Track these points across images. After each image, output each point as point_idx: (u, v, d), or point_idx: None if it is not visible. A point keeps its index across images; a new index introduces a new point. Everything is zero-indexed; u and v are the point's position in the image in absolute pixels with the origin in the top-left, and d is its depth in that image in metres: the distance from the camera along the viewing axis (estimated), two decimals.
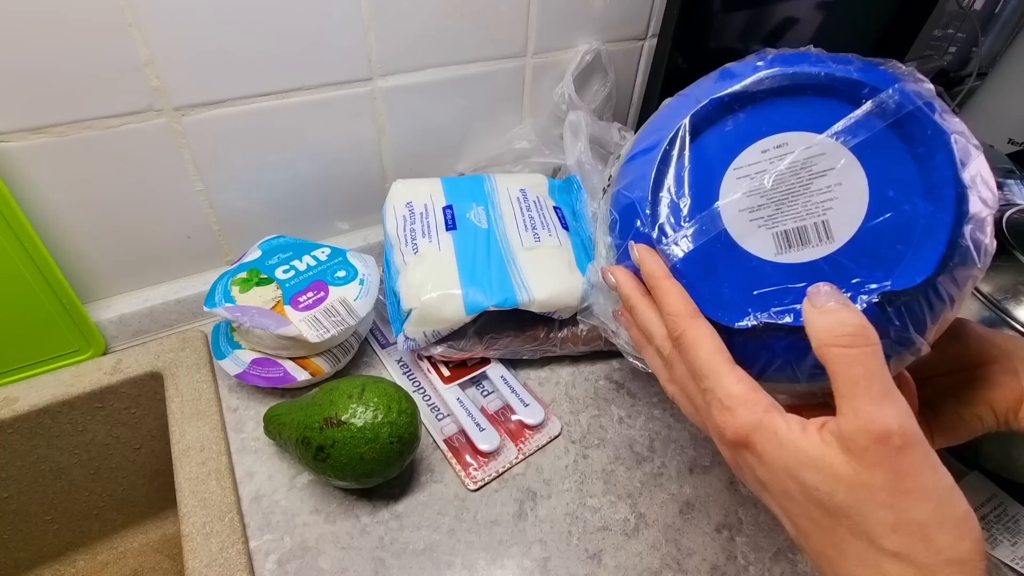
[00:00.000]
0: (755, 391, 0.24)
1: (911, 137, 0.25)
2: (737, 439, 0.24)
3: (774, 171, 0.26)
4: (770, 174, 0.27)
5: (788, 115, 0.27)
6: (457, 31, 0.53)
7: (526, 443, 0.45)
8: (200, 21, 0.42)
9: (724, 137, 0.28)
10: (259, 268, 0.48)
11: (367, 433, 0.37)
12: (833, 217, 0.26)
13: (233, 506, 0.40)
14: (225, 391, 0.48)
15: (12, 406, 0.45)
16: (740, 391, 0.24)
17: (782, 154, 0.26)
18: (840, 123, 0.26)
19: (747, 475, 0.25)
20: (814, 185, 0.26)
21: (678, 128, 0.28)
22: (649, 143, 0.30)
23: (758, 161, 0.27)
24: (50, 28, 0.38)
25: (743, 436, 0.23)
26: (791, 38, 0.75)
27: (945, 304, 0.25)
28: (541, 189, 0.57)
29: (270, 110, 0.48)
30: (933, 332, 0.26)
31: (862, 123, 0.25)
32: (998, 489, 0.44)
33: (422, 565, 0.38)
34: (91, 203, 0.45)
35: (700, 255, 0.27)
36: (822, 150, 0.26)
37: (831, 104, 0.26)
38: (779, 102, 0.27)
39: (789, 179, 0.26)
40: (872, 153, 0.25)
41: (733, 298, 0.27)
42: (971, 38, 1.05)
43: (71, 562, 0.56)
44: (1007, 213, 0.48)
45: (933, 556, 0.20)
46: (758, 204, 0.27)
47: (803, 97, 0.27)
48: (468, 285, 0.46)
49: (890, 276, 0.24)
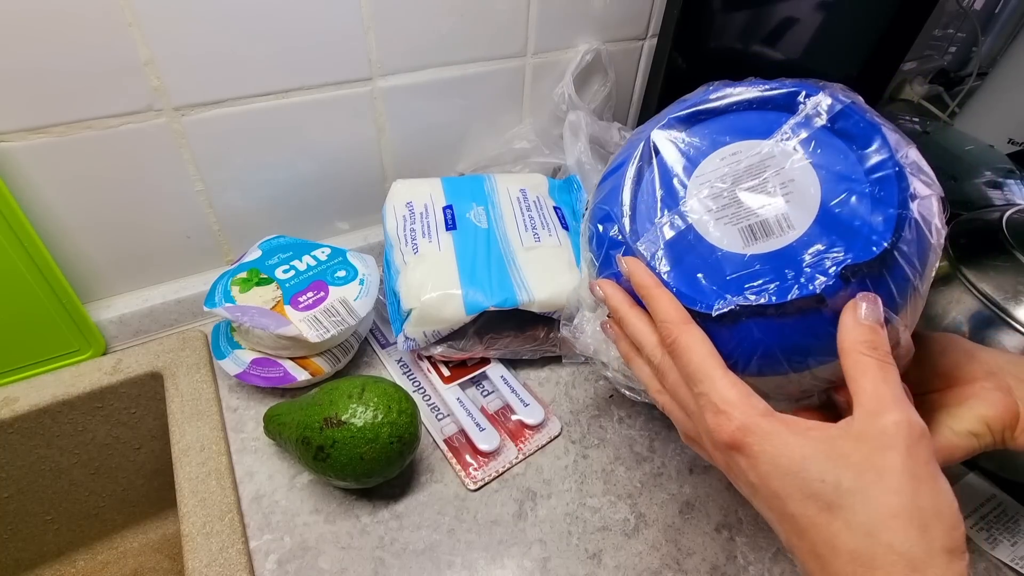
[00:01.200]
0: (749, 395, 0.25)
1: (847, 132, 0.28)
2: (732, 441, 0.24)
3: (733, 174, 0.30)
4: (730, 176, 0.30)
5: (740, 127, 0.30)
6: (457, 31, 0.53)
7: (526, 443, 0.45)
8: (200, 21, 0.42)
9: (686, 149, 0.31)
10: (259, 268, 0.48)
11: (367, 433, 0.37)
12: (791, 209, 0.28)
13: (233, 506, 0.40)
14: (225, 391, 0.48)
15: (12, 406, 0.45)
16: (734, 395, 0.25)
17: (738, 160, 0.30)
18: (784, 126, 0.29)
19: (739, 479, 0.25)
20: (770, 183, 0.29)
21: (643, 143, 0.32)
22: (619, 160, 0.34)
23: (717, 168, 0.30)
24: (50, 28, 0.38)
25: (737, 439, 0.24)
26: (791, 38, 0.75)
27: (909, 280, 0.26)
28: (541, 189, 0.57)
29: (270, 110, 0.48)
30: (908, 313, 0.27)
31: (802, 124, 0.29)
32: (998, 489, 0.44)
33: (422, 565, 0.38)
34: (91, 203, 0.45)
35: (673, 253, 0.30)
36: (772, 152, 0.29)
37: (775, 114, 0.30)
38: (730, 116, 0.31)
39: (747, 180, 0.29)
40: (817, 150, 0.28)
41: (708, 287, 0.29)
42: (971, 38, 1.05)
43: (71, 562, 0.56)
44: (1007, 213, 0.48)
45: (927, 545, 0.21)
46: (722, 204, 0.30)
47: (750, 111, 0.31)
48: (468, 285, 0.46)
49: (850, 251, 0.26)
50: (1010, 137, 0.88)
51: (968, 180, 0.67)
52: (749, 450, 0.24)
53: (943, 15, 0.98)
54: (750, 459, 0.24)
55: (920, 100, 1.03)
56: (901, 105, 1.05)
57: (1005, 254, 0.43)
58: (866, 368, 0.23)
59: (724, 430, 0.24)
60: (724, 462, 0.26)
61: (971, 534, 0.41)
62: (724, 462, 0.26)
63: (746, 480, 0.25)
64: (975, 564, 0.40)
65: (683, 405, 0.28)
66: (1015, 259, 0.42)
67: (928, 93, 1.04)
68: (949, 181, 0.65)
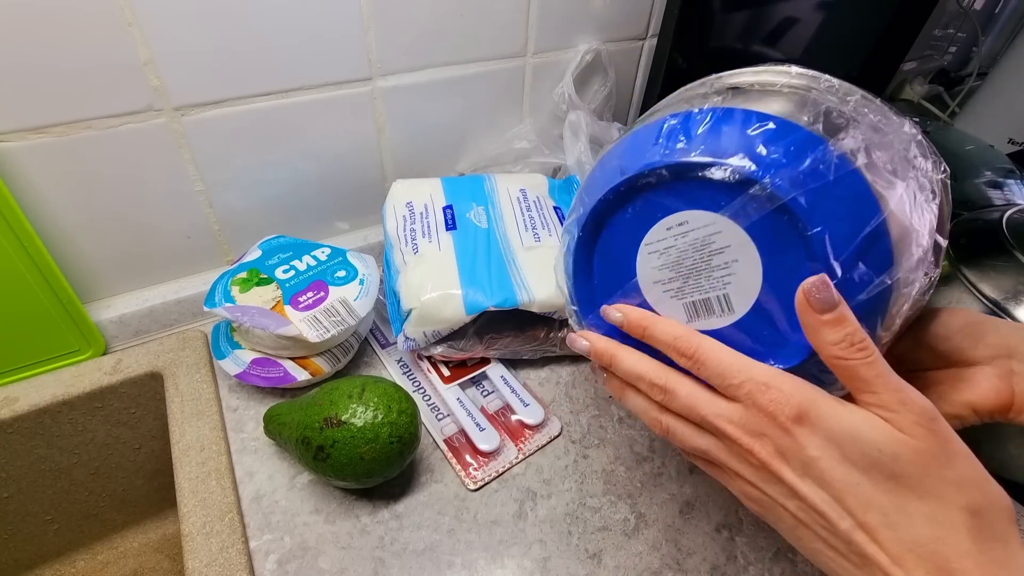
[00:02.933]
0: (786, 373, 0.25)
1: (795, 219, 0.25)
2: (798, 413, 0.24)
3: (679, 247, 0.29)
4: (677, 249, 0.29)
5: (688, 195, 0.28)
6: (457, 31, 0.53)
7: (526, 443, 0.45)
8: (200, 21, 0.42)
9: (632, 218, 0.30)
10: (259, 268, 0.48)
11: (367, 433, 0.37)
12: (732, 291, 0.28)
13: (233, 506, 0.40)
14: (225, 391, 0.48)
15: (12, 406, 0.45)
16: (777, 374, 0.25)
17: (684, 231, 0.28)
18: (732, 204, 0.26)
19: (793, 459, 0.24)
20: (714, 261, 0.28)
21: (587, 213, 0.30)
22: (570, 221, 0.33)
23: (664, 238, 0.29)
24: (50, 28, 0.38)
25: (804, 409, 0.24)
26: (791, 38, 0.75)
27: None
28: (541, 189, 0.57)
29: (270, 110, 0.48)
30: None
31: (751, 204, 0.26)
32: None
33: (422, 565, 0.38)
34: (91, 203, 0.45)
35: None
36: (719, 228, 0.27)
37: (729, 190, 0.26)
38: (678, 183, 0.28)
39: (692, 255, 0.28)
40: (763, 232, 0.26)
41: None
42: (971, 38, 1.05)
43: (71, 562, 0.56)
44: (1007, 213, 0.48)
45: (990, 504, 0.22)
46: (668, 277, 0.29)
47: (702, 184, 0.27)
48: (468, 285, 0.46)
49: (772, 357, 0.27)
50: (1010, 137, 0.88)
51: (968, 180, 0.67)
52: (813, 419, 0.24)
53: (943, 15, 0.98)
54: (815, 427, 0.23)
55: (920, 100, 1.03)
56: (901, 105, 1.05)
57: (1005, 254, 0.43)
58: (866, 367, 0.23)
59: (788, 403, 0.24)
60: (778, 446, 0.25)
61: None
62: (778, 446, 0.25)
63: (805, 456, 0.24)
64: None
65: (699, 416, 0.27)
66: (1015, 259, 0.42)
67: (928, 93, 1.04)
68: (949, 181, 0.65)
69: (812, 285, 0.24)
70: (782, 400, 0.24)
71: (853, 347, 0.23)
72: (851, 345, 0.23)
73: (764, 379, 0.25)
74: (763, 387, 0.25)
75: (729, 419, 0.26)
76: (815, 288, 0.24)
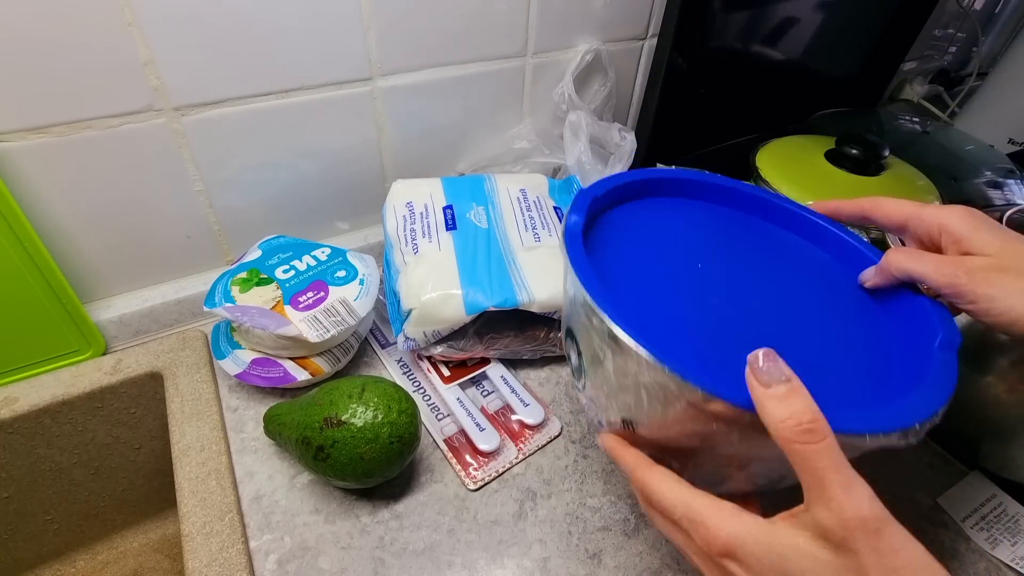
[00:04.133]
0: (719, 503, 0.25)
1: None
2: (725, 550, 0.24)
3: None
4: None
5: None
6: (457, 31, 0.53)
7: (526, 443, 0.45)
8: (200, 21, 0.42)
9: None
10: (259, 268, 0.48)
11: (367, 433, 0.37)
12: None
13: (233, 506, 0.40)
14: (225, 391, 0.48)
15: (12, 406, 0.45)
16: (711, 508, 0.25)
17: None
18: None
19: None
20: None
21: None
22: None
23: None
24: (50, 28, 0.38)
25: (730, 546, 0.24)
26: (791, 38, 0.75)
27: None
28: (541, 189, 0.57)
29: (270, 110, 0.48)
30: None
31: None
32: (998, 489, 0.44)
33: (422, 565, 0.38)
34: (91, 203, 0.45)
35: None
36: None
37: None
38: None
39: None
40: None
41: None
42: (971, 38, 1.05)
43: (71, 562, 0.56)
44: (1007, 213, 0.48)
45: None
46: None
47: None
48: (468, 285, 0.46)
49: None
50: (1010, 137, 0.88)
51: (968, 180, 0.67)
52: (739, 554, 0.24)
53: (943, 15, 0.98)
54: (741, 563, 0.24)
55: (920, 100, 1.03)
56: (901, 105, 1.05)
57: None
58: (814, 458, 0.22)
59: (716, 542, 0.25)
60: (719, 573, 0.26)
61: (971, 534, 0.41)
62: (719, 573, 0.26)
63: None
64: (975, 564, 0.40)
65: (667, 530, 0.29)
66: None
67: (928, 93, 1.04)
68: (949, 181, 0.65)
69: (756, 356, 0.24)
70: (710, 538, 0.25)
71: (800, 427, 0.22)
72: (797, 424, 0.22)
73: (696, 516, 0.25)
74: (695, 524, 0.25)
75: (685, 543, 0.27)
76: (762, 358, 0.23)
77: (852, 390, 0.28)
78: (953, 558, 0.40)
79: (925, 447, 0.47)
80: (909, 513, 0.42)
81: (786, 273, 0.35)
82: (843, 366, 0.29)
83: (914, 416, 0.25)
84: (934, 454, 0.47)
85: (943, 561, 0.41)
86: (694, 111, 0.72)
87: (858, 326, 0.32)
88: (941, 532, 0.42)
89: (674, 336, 0.28)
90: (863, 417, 0.24)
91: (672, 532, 0.28)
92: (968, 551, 0.41)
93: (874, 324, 0.33)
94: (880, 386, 0.28)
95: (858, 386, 0.28)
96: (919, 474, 0.45)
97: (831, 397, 0.23)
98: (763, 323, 0.31)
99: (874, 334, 0.32)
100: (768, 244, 0.37)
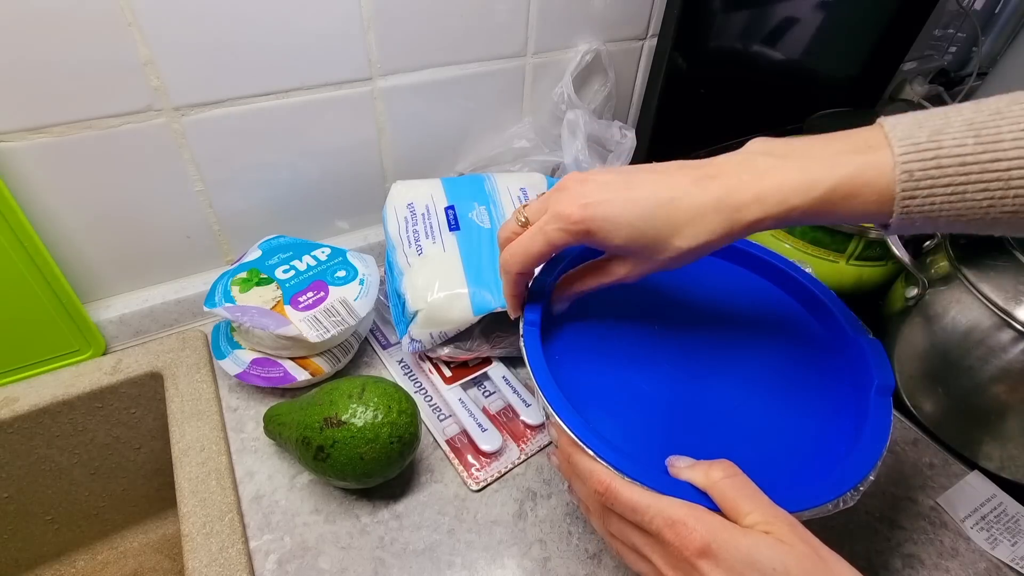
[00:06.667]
0: (692, 505, 0.27)
1: None
2: (701, 549, 0.25)
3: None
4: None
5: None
6: (457, 31, 0.53)
7: (528, 443, 0.45)
8: (200, 21, 0.42)
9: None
10: (259, 268, 0.48)
11: (367, 433, 0.37)
12: None
13: (233, 506, 0.40)
14: (225, 391, 0.48)
15: (12, 406, 0.45)
16: (685, 510, 0.26)
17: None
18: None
19: None
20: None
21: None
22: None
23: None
24: (50, 28, 0.38)
25: (706, 545, 0.25)
26: (791, 38, 0.75)
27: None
28: (540, 187, 0.57)
29: (270, 110, 0.48)
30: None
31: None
32: (998, 489, 0.44)
33: (422, 565, 0.38)
34: (91, 203, 0.45)
35: None
36: None
37: None
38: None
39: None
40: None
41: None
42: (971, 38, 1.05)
43: (71, 562, 0.56)
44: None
45: None
46: None
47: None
48: (475, 285, 0.46)
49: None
50: None
51: None
52: (715, 552, 0.25)
53: (943, 15, 0.98)
54: (718, 560, 0.25)
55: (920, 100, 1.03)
56: (901, 105, 1.05)
57: (1005, 254, 0.43)
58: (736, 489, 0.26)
59: (692, 542, 0.25)
60: (688, 573, 0.26)
61: (971, 534, 0.41)
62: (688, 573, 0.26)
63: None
64: (975, 564, 0.40)
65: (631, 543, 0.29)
66: (1015, 259, 0.42)
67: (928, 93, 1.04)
68: None
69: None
70: (689, 536, 0.25)
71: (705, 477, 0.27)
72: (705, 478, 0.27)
73: (676, 515, 0.26)
74: (674, 524, 0.26)
75: (651, 552, 0.27)
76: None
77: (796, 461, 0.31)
78: (953, 558, 0.40)
79: (925, 447, 0.47)
80: (909, 513, 0.42)
81: (737, 319, 0.39)
82: (790, 429, 0.33)
83: (849, 482, 0.28)
84: (934, 454, 0.47)
85: (943, 561, 0.41)
86: (694, 111, 0.72)
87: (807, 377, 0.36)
88: (941, 532, 0.42)
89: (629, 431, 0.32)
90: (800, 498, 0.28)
91: (635, 538, 0.28)
92: (968, 551, 0.41)
93: (819, 369, 0.36)
94: (822, 448, 0.32)
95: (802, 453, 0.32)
96: (919, 474, 0.45)
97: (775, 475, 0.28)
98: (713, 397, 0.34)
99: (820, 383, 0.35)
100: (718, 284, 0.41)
